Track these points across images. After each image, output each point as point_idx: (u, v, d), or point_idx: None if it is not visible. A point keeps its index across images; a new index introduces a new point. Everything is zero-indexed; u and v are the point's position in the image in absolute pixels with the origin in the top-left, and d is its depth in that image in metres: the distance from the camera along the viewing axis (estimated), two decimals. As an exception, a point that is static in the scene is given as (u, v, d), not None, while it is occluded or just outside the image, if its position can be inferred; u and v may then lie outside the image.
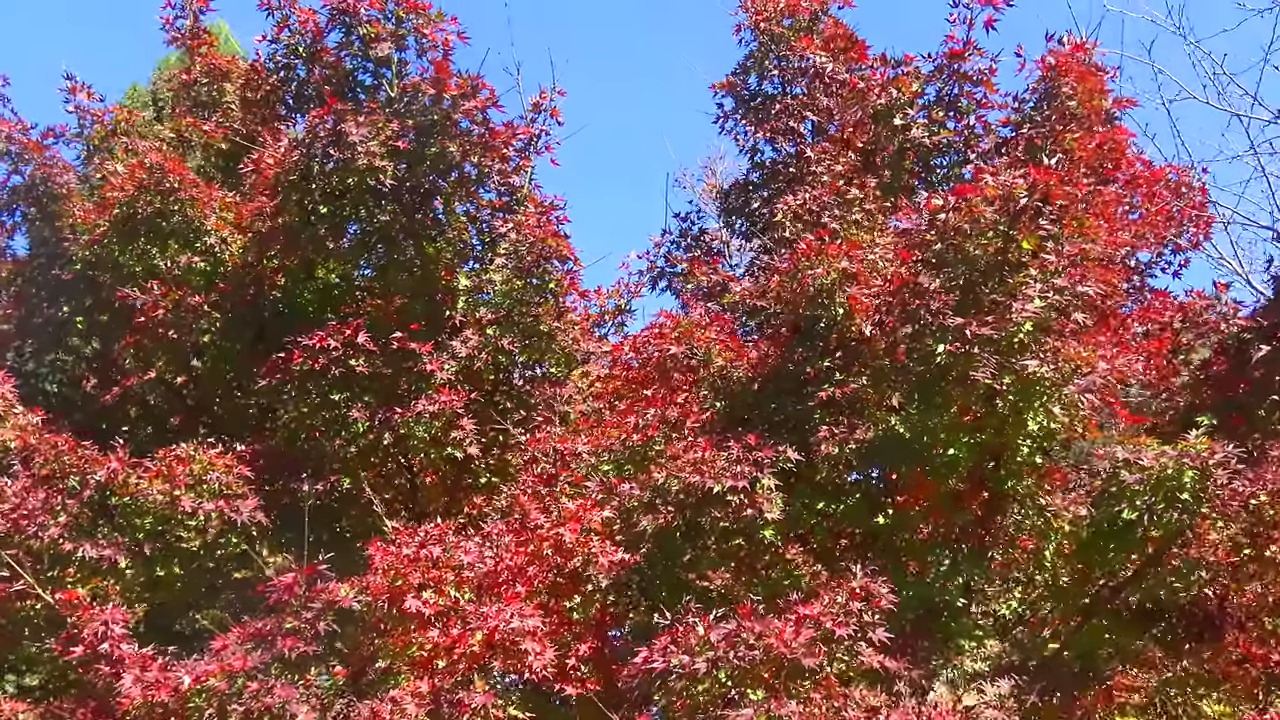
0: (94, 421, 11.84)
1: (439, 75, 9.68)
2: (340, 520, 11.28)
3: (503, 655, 7.98)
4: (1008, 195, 7.43)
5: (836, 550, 9.86)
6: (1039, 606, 10.37)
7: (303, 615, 8.33)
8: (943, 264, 7.56)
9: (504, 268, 10.47)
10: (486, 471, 11.80)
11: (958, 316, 7.45)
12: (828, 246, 8.10)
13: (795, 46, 11.25)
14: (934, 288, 7.46)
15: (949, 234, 7.43)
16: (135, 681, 8.14)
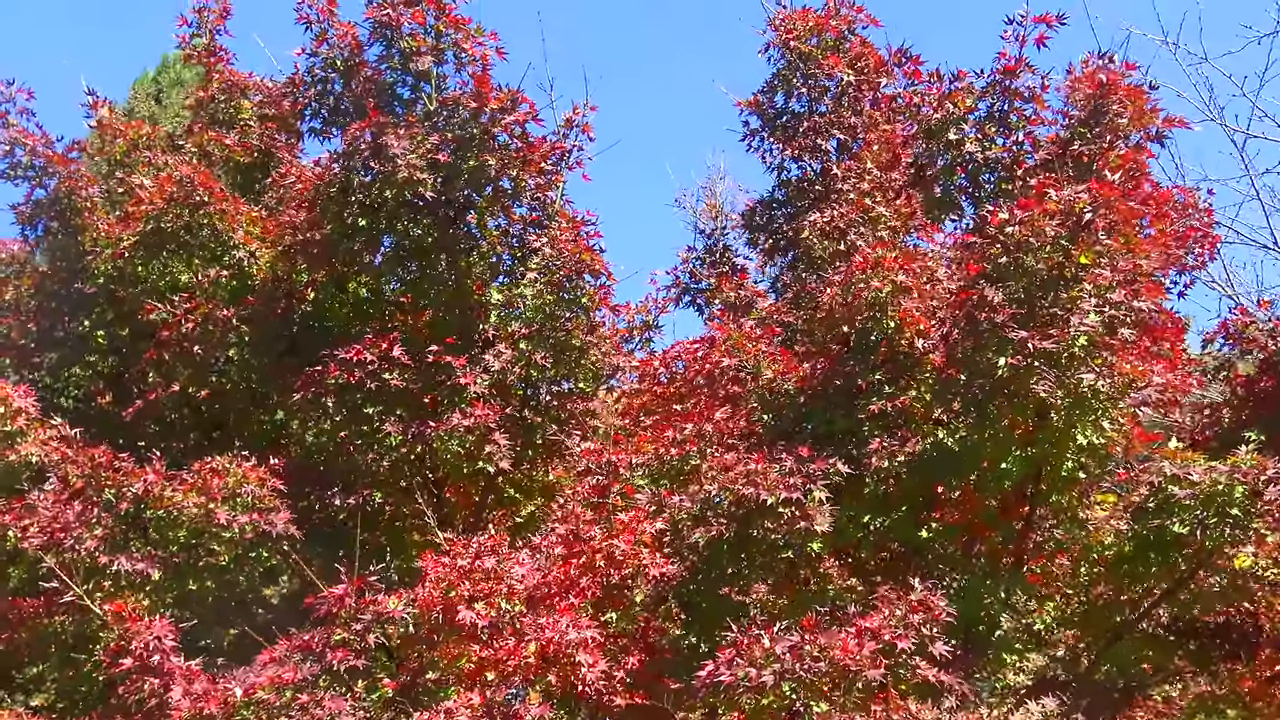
0: (109, 437, 11.69)
1: (479, 89, 9.69)
2: (366, 536, 11.17)
3: (556, 667, 7.93)
4: (1068, 209, 7.51)
5: (870, 565, 9.90)
6: (1070, 622, 10.41)
7: (352, 627, 8.27)
8: (1003, 277, 7.63)
9: (536, 282, 10.46)
10: (512, 487, 11.77)
11: (1021, 330, 7.51)
12: (884, 259, 8.14)
13: (823, 65, 11.34)
14: (998, 300, 7.52)
15: (1013, 247, 7.49)
16: (185, 694, 8.04)
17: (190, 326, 10.69)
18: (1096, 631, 10.32)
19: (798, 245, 11.96)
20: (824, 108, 11.67)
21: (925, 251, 8.35)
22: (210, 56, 12.38)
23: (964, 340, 7.79)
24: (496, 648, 8.01)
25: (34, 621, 10.28)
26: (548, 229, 10.53)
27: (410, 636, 8.34)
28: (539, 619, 7.79)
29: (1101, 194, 7.47)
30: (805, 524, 8.28)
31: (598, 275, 10.48)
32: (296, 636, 8.49)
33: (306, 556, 10.93)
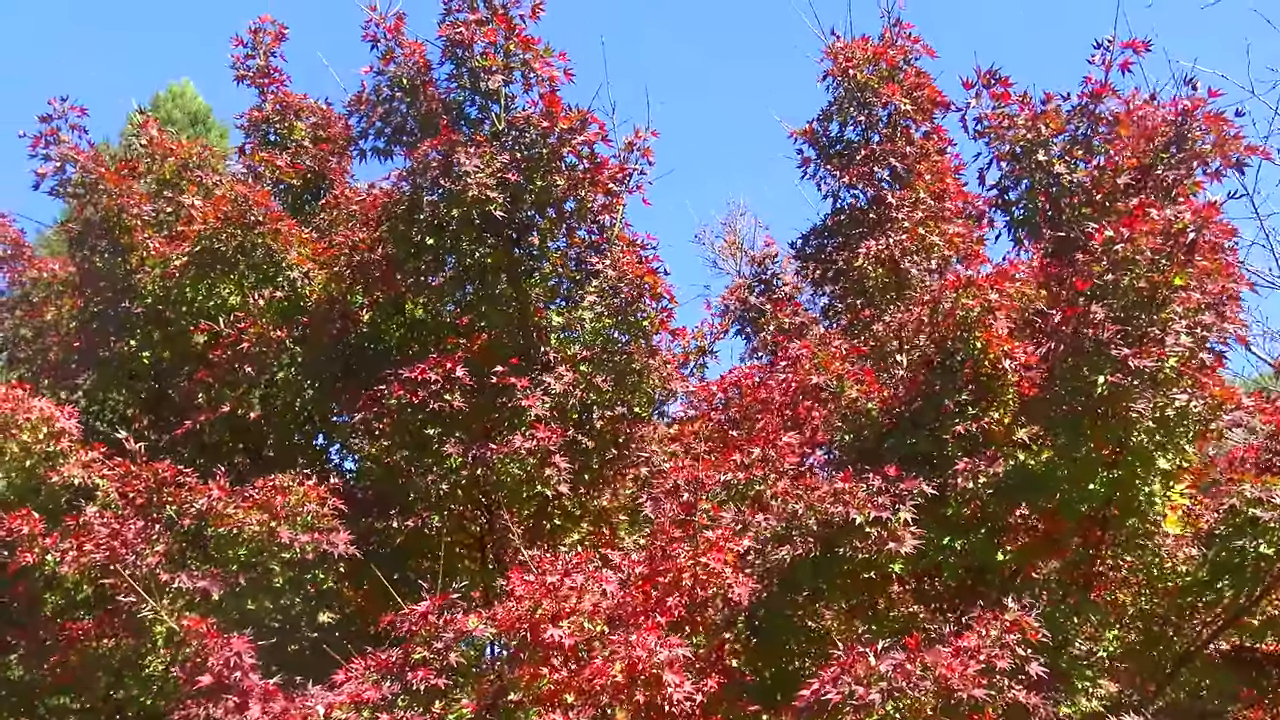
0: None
1: (550, 108, 9.67)
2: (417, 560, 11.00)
3: (643, 687, 7.78)
4: (1168, 228, 7.55)
5: (931, 591, 9.81)
6: (1131, 650, 10.34)
7: (433, 645, 8.12)
8: (1104, 295, 7.63)
9: (596, 305, 10.41)
10: (560, 514, 11.63)
11: (1124, 347, 7.50)
12: (977, 278, 8.14)
13: (881, 93, 11.41)
14: (1103, 316, 7.52)
15: (1116, 265, 7.51)
16: (264, 713, 7.86)
17: (246, 346, 10.55)
18: (1157, 661, 10.27)
19: (850, 274, 11.98)
20: (877, 136, 11.73)
21: (1014, 272, 8.32)
22: (264, 78, 12.35)
23: (1065, 357, 7.77)
24: (580, 667, 7.88)
25: (82, 645, 10.06)
26: (608, 252, 10.49)
27: (492, 656, 8.21)
28: (628, 637, 7.64)
29: (1203, 214, 7.51)
30: (894, 544, 8.20)
31: (659, 298, 10.43)
32: (372, 656, 8.34)
33: (361, 580, 10.80)
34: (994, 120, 8.73)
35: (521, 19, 9.87)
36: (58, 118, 11.38)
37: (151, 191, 11.68)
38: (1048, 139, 8.45)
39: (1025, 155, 8.56)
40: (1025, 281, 8.43)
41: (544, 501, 10.82)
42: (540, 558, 8.04)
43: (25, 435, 10.58)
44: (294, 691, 8.18)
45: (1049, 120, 8.45)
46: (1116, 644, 10.20)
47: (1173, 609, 9.92)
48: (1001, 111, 8.74)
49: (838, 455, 9.43)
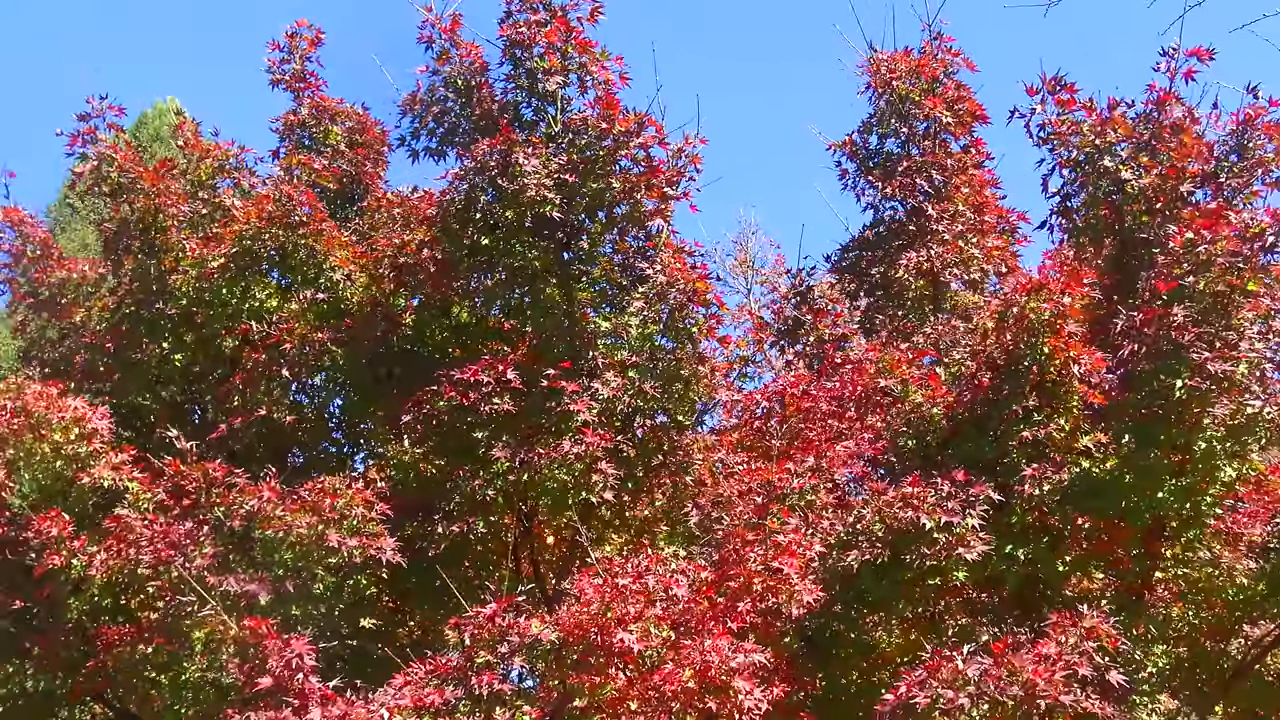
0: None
1: (609, 111, 9.60)
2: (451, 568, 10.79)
3: (713, 694, 7.65)
4: (1243, 233, 7.54)
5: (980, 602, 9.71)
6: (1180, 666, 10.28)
7: (497, 650, 7.96)
8: (1183, 299, 7.61)
9: (643, 311, 10.31)
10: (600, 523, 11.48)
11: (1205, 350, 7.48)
12: (1050, 281, 8.10)
13: (923, 106, 11.42)
14: (1182, 319, 7.49)
15: (1200, 267, 7.49)
16: (324, 717, 7.67)
17: (288, 347, 10.38)
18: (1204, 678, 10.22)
19: (888, 285, 11.97)
20: (917, 149, 11.74)
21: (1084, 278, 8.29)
22: (299, 82, 12.22)
23: (1142, 361, 7.74)
24: (648, 673, 7.75)
25: (120, 650, 9.83)
26: (655, 257, 10.39)
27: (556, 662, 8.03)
28: (702, 642, 7.51)
29: (1278, 219, 7.51)
30: (963, 550, 8.12)
31: (707, 305, 10.33)
32: (432, 660, 8.17)
33: (399, 587, 10.62)
34: (1059, 126, 8.73)
35: (580, 21, 9.81)
36: (95, 116, 11.23)
37: (187, 192, 11.50)
38: (1114, 145, 8.45)
39: (1090, 161, 8.55)
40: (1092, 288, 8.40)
41: (585, 509, 10.66)
42: (611, 559, 7.91)
43: (56, 435, 10.40)
44: (351, 695, 8.00)
45: (1117, 125, 8.45)
46: (1166, 659, 10.16)
47: (1225, 624, 9.87)
48: (1066, 118, 8.74)
49: (895, 463, 9.34)
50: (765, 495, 8.30)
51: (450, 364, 10.23)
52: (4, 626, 11.36)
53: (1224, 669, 10.07)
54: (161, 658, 9.81)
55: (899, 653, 10.25)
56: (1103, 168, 8.49)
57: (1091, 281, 8.41)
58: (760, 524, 8.06)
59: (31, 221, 12.23)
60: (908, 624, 9.73)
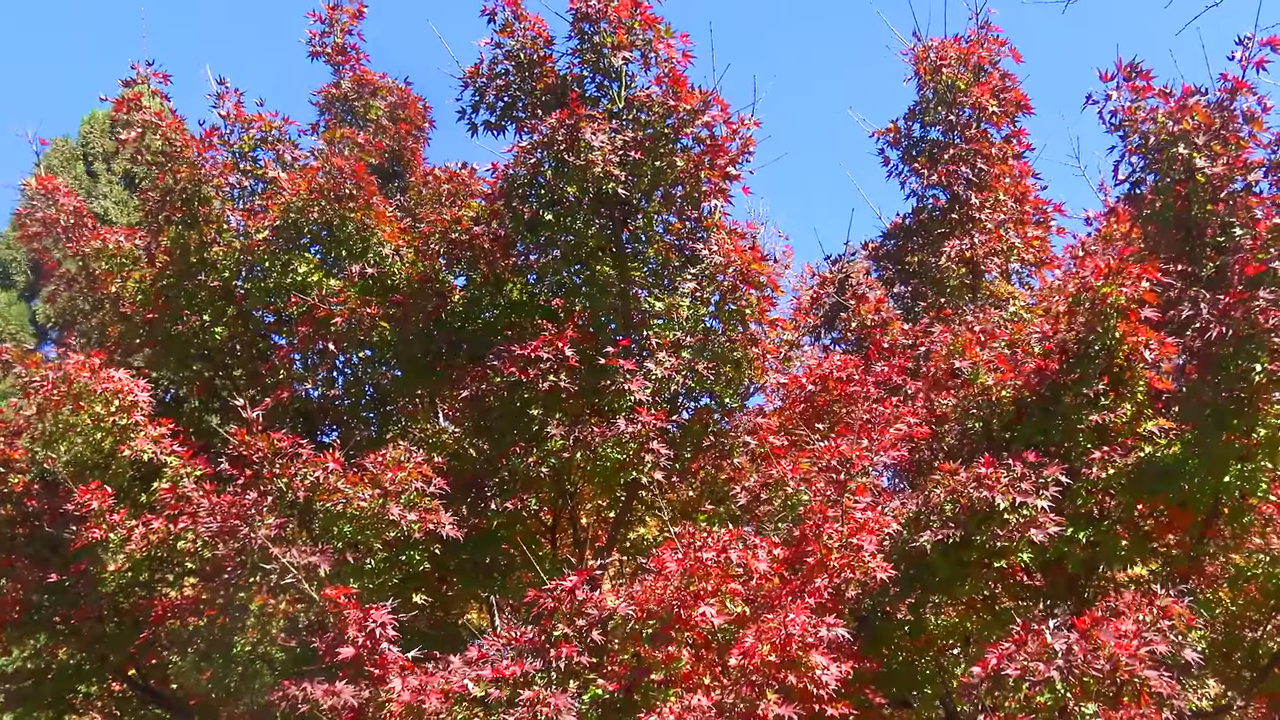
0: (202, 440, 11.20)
1: (676, 88, 9.59)
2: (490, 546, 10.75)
3: (791, 669, 7.67)
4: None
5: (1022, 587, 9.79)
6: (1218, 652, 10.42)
7: (575, 623, 7.96)
8: (1269, 283, 7.72)
9: (695, 292, 10.33)
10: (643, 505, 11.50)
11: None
12: (1127, 266, 8.18)
13: (971, 93, 11.50)
14: (1268, 304, 7.60)
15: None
16: (404, 686, 7.64)
17: (339, 321, 10.31)
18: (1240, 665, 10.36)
19: (927, 272, 12.04)
20: (959, 137, 11.82)
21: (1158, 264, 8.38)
22: (340, 55, 12.12)
23: (1219, 346, 7.83)
24: (727, 647, 7.77)
25: (171, 621, 9.74)
26: (707, 238, 10.40)
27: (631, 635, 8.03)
28: (785, 616, 7.53)
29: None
30: (1034, 530, 8.19)
31: (761, 287, 10.35)
32: (506, 631, 8.16)
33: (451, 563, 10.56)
34: (1132, 113, 8.82)
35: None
36: (140, 83, 11.07)
37: (230, 163, 11.38)
38: (1188, 133, 8.55)
39: (1163, 148, 8.64)
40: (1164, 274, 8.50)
41: (632, 489, 10.68)
42: (693, 533, 7.90)
43: (97, 407, 10.30)
44: (429, 666, 7.97)
45: (1195, 112, 8.55)
46: (1202, 644, 10.29)
47: (1264, 612, 10.01)
48: (1140, 105, 8.83)
49: (953, 446, 9.41)
50: (843, 471, 8.31)
51: (501, 342, 10.21)
52: (37, 600, 11.27)
53: (1261, 657, 10.20)
54: (214, 631, 9.76)
55: (943, 635, 10.34)
56: (1175, 154, 8.59)
57: (1163, 269, 8.51)
58: (838, 500, 8.08)
59: (65, 190, 12.06)
60: (961, 607, 9.80)
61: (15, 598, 11.22)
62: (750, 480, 10.19)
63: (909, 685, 9.95)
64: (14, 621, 11.38)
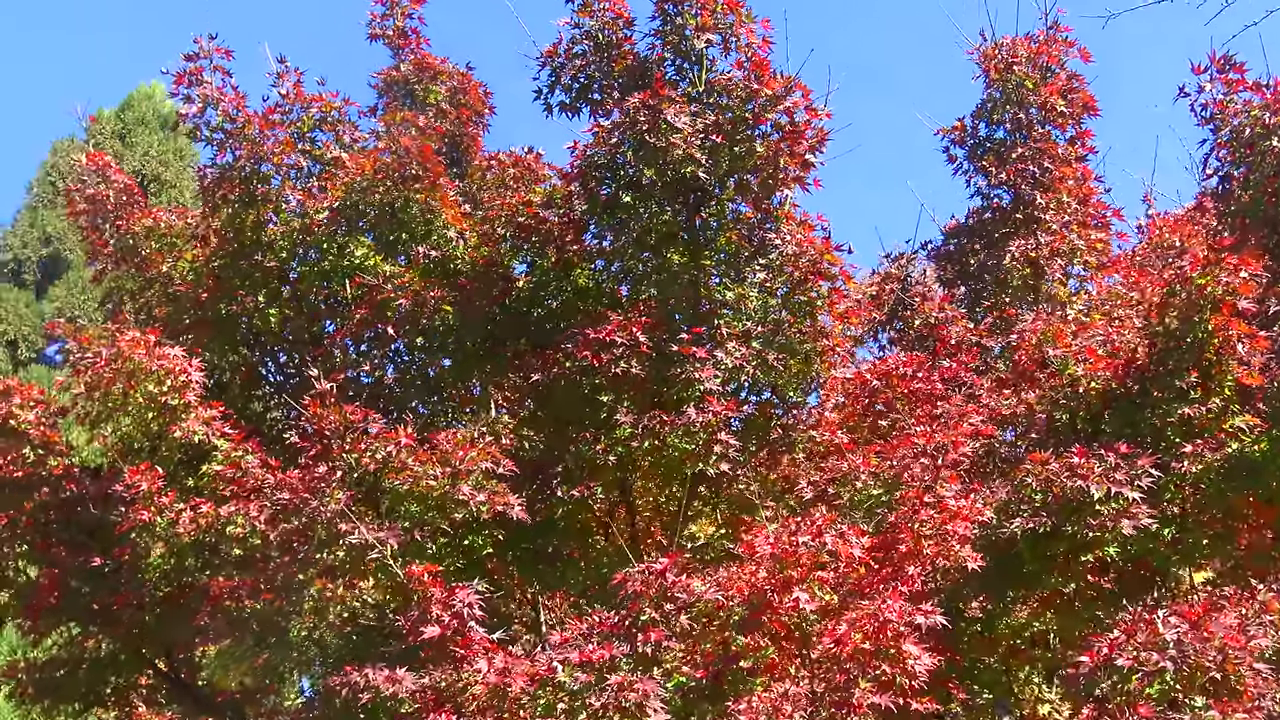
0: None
1: (758, 72, 9.46)
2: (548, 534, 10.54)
3: (884, 659, 7.49)
4: None
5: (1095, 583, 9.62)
6: None
7: (663, 607, 7.76)
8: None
9: (766, 282, 10.19)
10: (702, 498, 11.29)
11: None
12: (1225, 258, 8.08)
13: (1040, 93, 11.43)
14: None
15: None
16: (490, 667, 7.42)
17: (404, 303, 10.12)
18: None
19: (988, 272, 11.94)
20: (1025, 137, 11.74)
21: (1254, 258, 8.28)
22: (400, 38, 11.99)
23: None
24: (818, 635, 7.59)
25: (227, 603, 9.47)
26: (777, 228, 10.25)
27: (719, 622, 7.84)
28: (882, 603, 7.36)
29: None
30: (1126, 521, 8.04)
31: (832, 279, 10.22)
32: (592, 615, 7.97)
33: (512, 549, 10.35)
34: (1224, 106, 8.74)
35: (726, -21, 9.67)
36: (202, 57, 10.90)
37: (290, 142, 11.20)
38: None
39: (1256, 142, 8.56)
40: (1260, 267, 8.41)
41: (695, 483, 10.48)
42: (787, 517, 7.73)
43: (150, 386, 10.06)
44: (514, 648, 7.77)
45: (1294, 102, 8.49)
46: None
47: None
48: (1233, 98, 8.76)
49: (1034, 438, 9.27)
50: (940, 455, 8.16)
51: (567, 328, 10.06)
52: (76, 586, 11.02)
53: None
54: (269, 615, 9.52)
55: (1011, 634, 10.17)
56: (1268, 148, 8.51)
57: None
58: (932, 486, 7.93)
59: (116, 166, 11.87)
60: (1032, 606, 9.65)
61: (53, 583, 10.99)
62: (815, 475, 10.05)
63: (980, 685, 9.77)
64: (50, 608, 11.16)
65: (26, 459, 11.15)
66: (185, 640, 11.55)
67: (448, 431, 9.09)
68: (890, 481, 9.49)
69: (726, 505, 11.12)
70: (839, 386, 11.04)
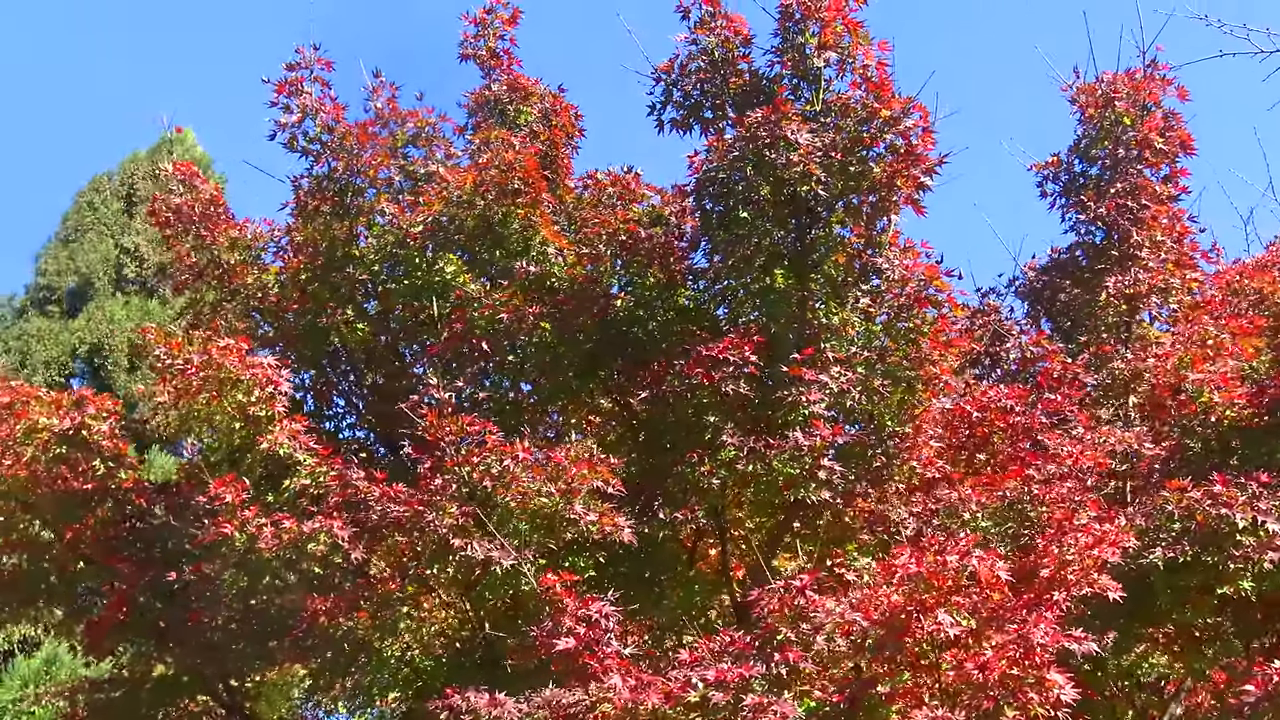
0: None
1: (879, 92, 9.35)
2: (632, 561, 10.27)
3: (1032, 686, 7.23)
4: None
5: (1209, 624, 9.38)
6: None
7: (799, 627, 7.50)
8: None
9: (869, 307, 10.02)
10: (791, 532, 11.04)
11: None
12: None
13: (1140, 130, 11.35)
14: None
15: None
16: (624, 684, 7.16)
17: (505, 316, 9.92)
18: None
19: (1077, 309, 11.81)
20: (1122, 172, 11.65)
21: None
22: (492, 59, 11.90)
23: None
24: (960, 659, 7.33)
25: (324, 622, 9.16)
26: (882, 252, 10.10)
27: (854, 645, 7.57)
28: (1035, 628, 7.11)
29: None
30: (1273, 554, 7.82)
31: (939, 306, 10.05)
32: (721, 635, 7.71)
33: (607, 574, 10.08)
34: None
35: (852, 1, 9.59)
36: (303, 67, 10.80)
37: (386, 155, 11.07)
38: None
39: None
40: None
41: (792, 510, 10.24)
42: (932, 535, 7.50)
43: (240, 395, 9.85)
44: (644, 666, 7.50)
45: None
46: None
47: None
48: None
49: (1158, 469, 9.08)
50: (1083, 477, 7.95)
51: (668, 349, 9.88)
52: (145, 602, 10.72)
53: None
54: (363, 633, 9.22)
55: (1119, 675, 9.91)
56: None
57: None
58: (1078, 509, 7.72)
59: (202, 176, 11.72)
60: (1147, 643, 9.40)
61: (121, 599, 10.69)
62: (918, 506, 9.82)
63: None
64: (117, 625, 10.86)
65: (96, 471, 10.83)
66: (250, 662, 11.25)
67: (563, 447, 8.85)
68: (999, 513, 9.30)
69: (816, 537, 10.85)
70: (935, 418, 10.82)
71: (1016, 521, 9.25)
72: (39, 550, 11.22)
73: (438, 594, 9.46)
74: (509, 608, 9.27)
